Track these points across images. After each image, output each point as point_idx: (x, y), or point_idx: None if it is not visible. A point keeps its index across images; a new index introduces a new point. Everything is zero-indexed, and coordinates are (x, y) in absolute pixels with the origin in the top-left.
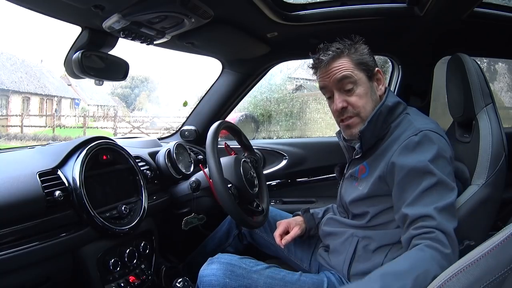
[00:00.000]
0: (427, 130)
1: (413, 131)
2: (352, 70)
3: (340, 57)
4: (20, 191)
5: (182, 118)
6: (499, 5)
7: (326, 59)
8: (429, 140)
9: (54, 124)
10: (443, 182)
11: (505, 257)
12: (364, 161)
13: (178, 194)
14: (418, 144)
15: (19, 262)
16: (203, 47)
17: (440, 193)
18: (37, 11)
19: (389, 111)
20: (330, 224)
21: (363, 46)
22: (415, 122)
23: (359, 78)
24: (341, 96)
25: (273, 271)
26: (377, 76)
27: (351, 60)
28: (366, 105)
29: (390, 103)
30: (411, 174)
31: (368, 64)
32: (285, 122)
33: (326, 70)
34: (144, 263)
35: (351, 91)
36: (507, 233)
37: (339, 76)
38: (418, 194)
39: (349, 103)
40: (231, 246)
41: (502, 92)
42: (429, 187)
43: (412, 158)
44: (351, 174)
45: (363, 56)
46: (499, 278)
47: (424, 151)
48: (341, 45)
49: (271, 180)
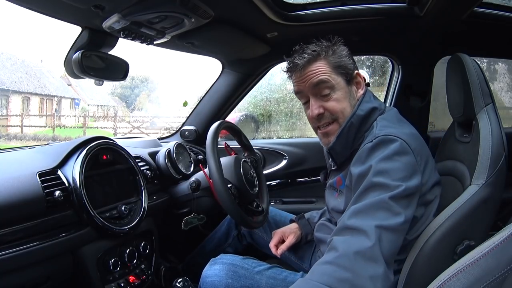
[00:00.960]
0: (383, 135)
1: (370, 139)
2: (330, 74)
3: (316, 60)
4: (20, 191)
5: (182, 118)
6: (499, 5)
7: (302, 63)
8: (382, 145)
9: (54, 124)
10: (382, 202)
11: (505, 257)
12: (341, 173)
13: (178, 194)
14: (369, 151)
15: (19, 262)
16: (203, 47)
17: (374, 212)
18: (37, 11)
19: (362, 121)
20: (321, 230)
21: (342, 47)
22: (375, 128)
23: (337, 83)
24: (317, 102)
25: (275, 271)
26: (357, 80)
27: (328, 63)
28: (344, 111)
29: (362, 112)
30: (357, 180)
31: (346, 67)
32: (285, 122)
33: (301, 74)
34: (144, 263)
35: (328, 96)
36: (507, 233)
37: (315, 80)
38: (358, 197)
39: (326, 109)
40: (231, 247)
41: (502, 92)
42: (372, 203)
43: (360, 167)
44: (331, 184)
45: (342, 58)
46: (499, 278)
47: (374, 158)
48: (317, 47)
49: (271, 180)
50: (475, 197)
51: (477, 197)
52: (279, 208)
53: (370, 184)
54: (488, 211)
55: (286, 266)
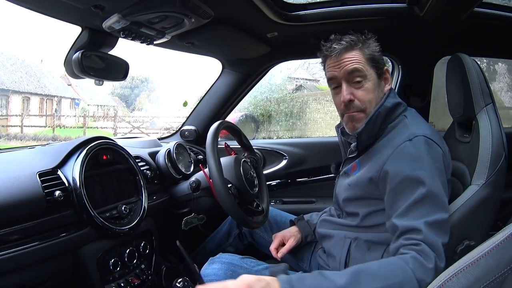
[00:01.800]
0: (422, 135)
1: (408, 136)
2: (364, 64)
3: (353, 49)
4: (20, 191)
5: (182, 118)
6: (499, 5)
7: (339, 48)
8: (422, 147)
9: (54, 124)
10: (435, 195)
11: (505, 257)
12: (357, 159)
13: (178, 194)
14: (411, 150)
15: (19, 262)
16: (203, 47)
17: (431, 206)
18: (37, 11)
19: (388, 113)
20: (324, 225)
21: (375, 43)
22: (411, 126)
23: (369, 74)
24: (348, 88)
25: None
26: (385, 75)
27: (363, 54)
28: (372, 101)
29: (389, 104)
30: (404, 184)
31: (378, 61)
32: (285, 122)
33: (338, 59)
34: (144, 263)
35: (360, 83)
36: (507, 233)
37: (350, 68)
38: (408, 206)
39: (356, 97)
40: (232, 246)
41: (502, 92)
42: (420, 199)
43: (405, 166)
44: (345, 171)
45: (375, 53)
46: (499, 278)
47: (417, 159)
48: (355, 38)
49: (271, 180)
50: (475, 197)
51: (477, 197)
52: (279, 208)
53: (413, 183)
54: (488, 211)
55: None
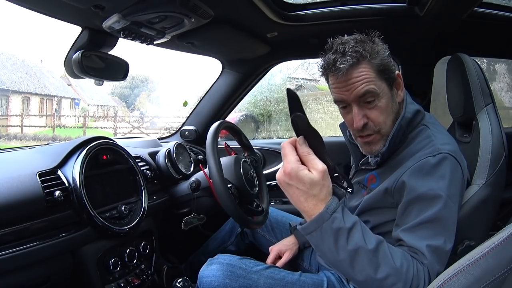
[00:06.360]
0: (446, 153)
1: (431, 151)
2: (375, 81)
3: (360, 63)
4: (20, 191)
5: (182, 118)
6: (499, 5)
7: (344, 67)
8: (446, 166)
9: (54, 124)
10: (446, 219)
11: (505, 257)
12: (374, 171)
13: (178, 194)
14: (434, 168)
15: (19, 262)
16: (203, 47)
17: (439, 230)
18: (37, 11)
19: (408, 123)
20: None
21: (382, 45)
22: (434, 139)
23: (381, 90)
24: (360, 111)
25: (273, 271)
26: (397, 81)
27: (372, 67)
28: (387, 120)
29: (409, 114)
30: (419, 200)
31: (390, 70)
32: (285, 122)
33: (345, 81)
34: (144, 263)
35: (372, 103)
36: (507, 233)
37: (361, 91)
38: (418, 223)
39: (370, 118)
40: (233, 245)
41: (502, 92)
42: (431, 219)
43: (423, 182)
44: (358, 181)
45: (385, 60)
46: (499, 278)
47: (438, 178)
48: (359, 47)
49: (271, 180)
50: (475, 197)
51: (477, 197)
52: (279, 208)
53: (428, 202)
54: (488, 211)
55: (284, 266)
